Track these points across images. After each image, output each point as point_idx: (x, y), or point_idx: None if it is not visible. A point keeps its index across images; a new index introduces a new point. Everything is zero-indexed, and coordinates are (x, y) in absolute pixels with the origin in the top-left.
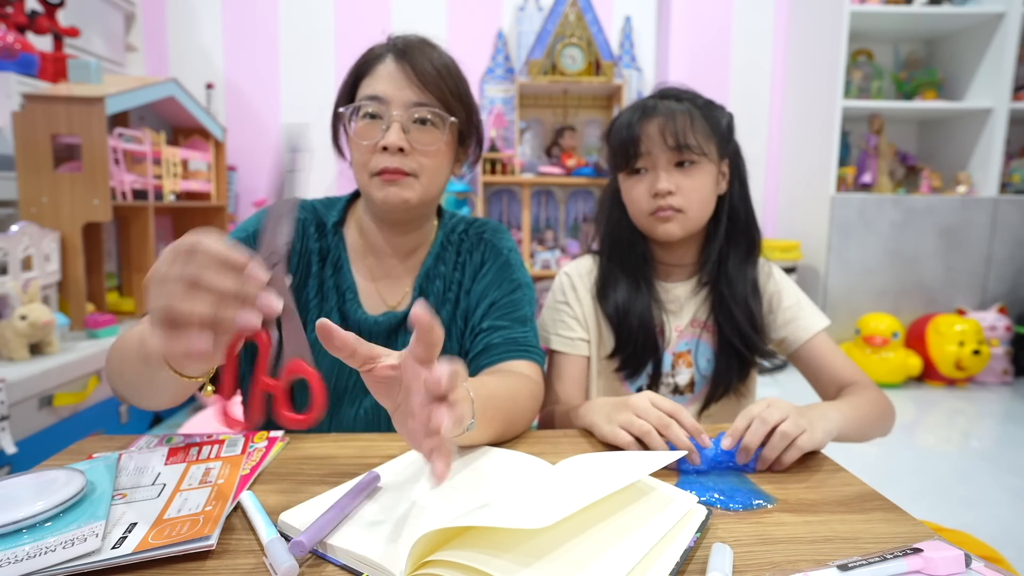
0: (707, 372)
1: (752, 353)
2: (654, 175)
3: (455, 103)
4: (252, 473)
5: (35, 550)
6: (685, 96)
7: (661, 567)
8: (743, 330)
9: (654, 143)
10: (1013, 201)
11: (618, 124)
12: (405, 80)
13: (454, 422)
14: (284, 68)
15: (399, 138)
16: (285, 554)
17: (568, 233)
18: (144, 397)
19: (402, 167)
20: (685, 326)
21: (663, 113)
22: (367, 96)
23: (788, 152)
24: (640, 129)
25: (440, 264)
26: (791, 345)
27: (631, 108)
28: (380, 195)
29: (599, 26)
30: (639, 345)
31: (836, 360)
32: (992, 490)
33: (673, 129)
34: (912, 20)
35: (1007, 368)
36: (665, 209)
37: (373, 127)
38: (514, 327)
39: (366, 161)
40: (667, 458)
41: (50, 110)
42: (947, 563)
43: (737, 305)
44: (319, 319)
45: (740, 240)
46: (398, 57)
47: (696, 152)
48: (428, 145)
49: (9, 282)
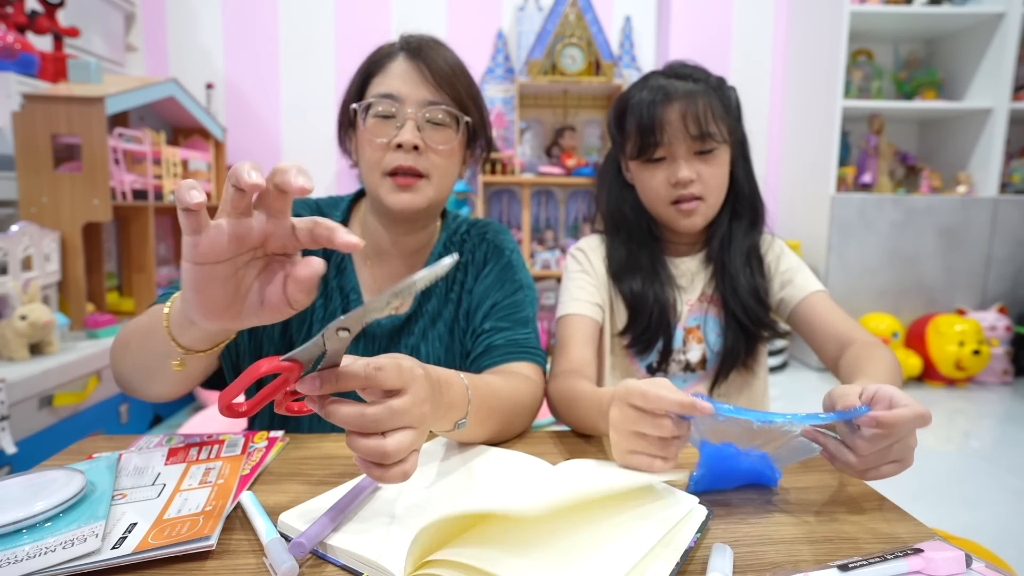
0: (717, 347)
1: (756, 327)
2: (673, 164)
3: (469, 103)
4: (252, 473)
5: (35, 550)
6: (699, 75)
7: (661, 567)
8: (746, 303)
9: (676, 132)
10: (1013, 201)
11: (633, 105)
12: (420, 78)
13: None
14: (284, 68)
15: (414, 136)
16: (285, 554)
17: (568, 233)
18: (148, 376)
19: (416, 166)
20: (695, 301)
21: (682, 98)
22: (380, 94)
23: (788, 152)
24: (660, 116)
25: None
26: (788, 305)
27: (645, 88)
28: (391, 199)
29: (599, 26)
30: (652, 322)
31: (834, 316)
32: (992, 490)
33: (695, 115)
34: (912, 20)
35: (1007, 368)
36: (688, 200)
37: (386, 125)
38: (516, 328)
39: (378, 159)
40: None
41: (50, 110)
42: (947, 563)
43: (740, 278)
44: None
45: (744, 213)
46: (411, 55)
47: (717, 139)
48: (442, 144)
49: (9, 282)
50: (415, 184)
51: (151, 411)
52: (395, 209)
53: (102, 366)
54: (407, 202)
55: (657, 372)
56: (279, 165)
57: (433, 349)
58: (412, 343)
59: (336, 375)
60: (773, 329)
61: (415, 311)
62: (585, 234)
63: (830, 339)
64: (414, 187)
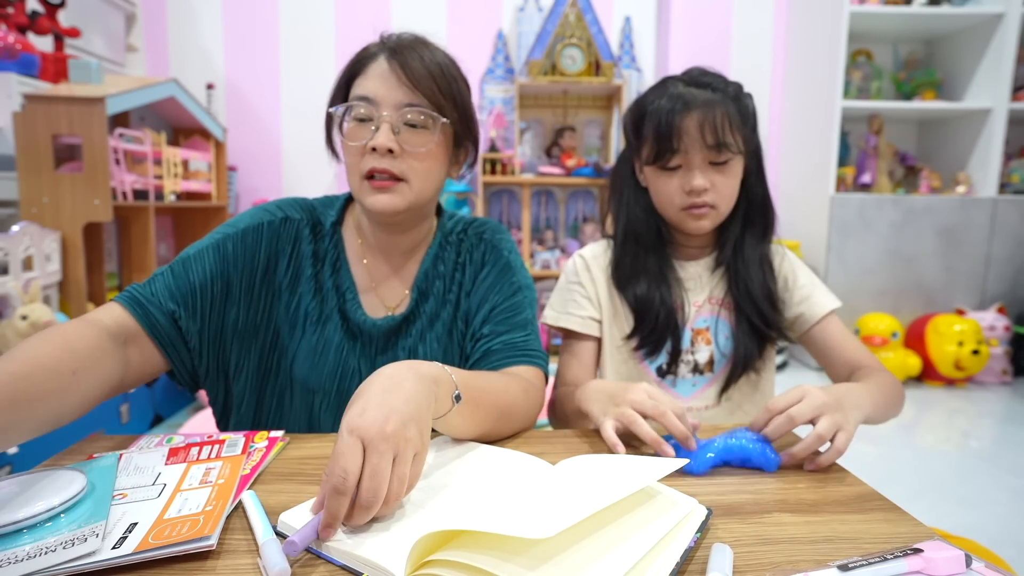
0: (726, 350)
1: (770, 328)
2: (688, 172)
3: (447, 104)
4: (252, 473)
5: (35, 550)
6: (718, 84)
7: (661, 567)
8: (760, 306)
9: (693, 141)
10: (1012, 201)
11: (652, 112)
12: (396, 80)
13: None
14: (284, 68)
15: (388, 139)
16: (277, 556)
17: (568, 233)
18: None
19: (391, 169)
20: (703, 302)
21: (700, 106)
22: (357, 97)
23: (788, 152)
24: (678, 124)
25: (439, 264)
26: (806, 322)
27: (663, 95)
28: (369, 200)
29: (599, 26)
30: (659, 324)
31: (849, 342)
32: (991, 490)
33: (713, 125)
34: (911, 20)
35: (1006, 368)
36: (700, 206)
37: (363, 128)
38: (514, 331)
39: (356, 163)
40: (672, 465)
41: (51, 110)
42: (947, 563)
43: (753, 282)
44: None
45: (756, 221)
46: (390, 56)
47: (733, 150)
48: (418, 147)
49: (10, 282)
50: (392, 186)
51: (152, 411)
52: (374, 211)
53: None
54: (385, 203)
55: (667, 375)
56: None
57: (431, 350)
58: (409, 344)
59: (331, 518)
60: (783, 332)
61: (412, 312)
62: (585, 234)
63: (845, 366)
64: (391, 189)
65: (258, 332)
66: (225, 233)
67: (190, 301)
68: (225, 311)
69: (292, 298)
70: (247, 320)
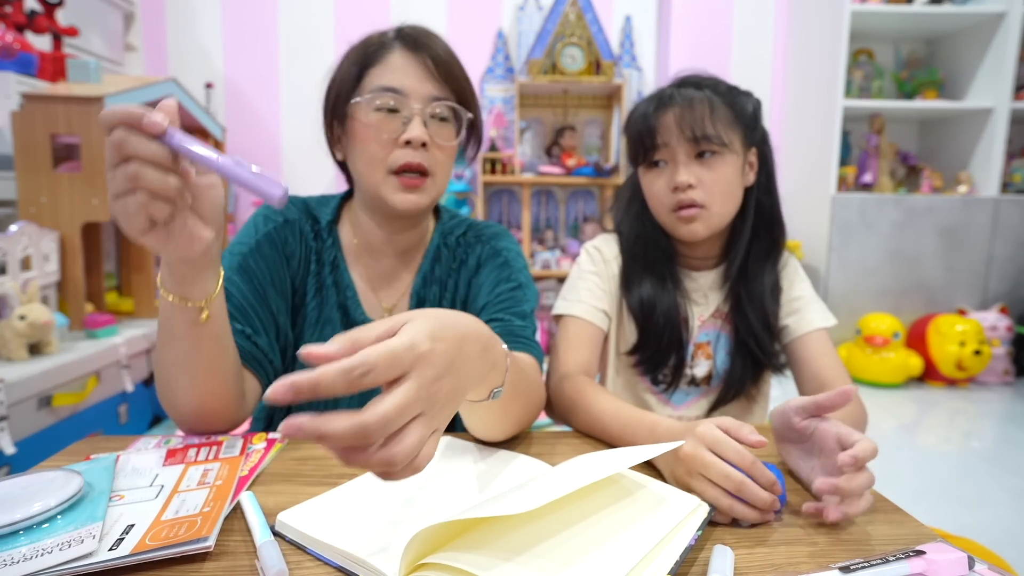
0: (725, 366)
1: (765, 357)
2: (673, 168)
3: (470, 98)
4: (251, 474)
5: (32, 552)
6: (706, 83)
7: (661, 565)
8: (757, 333)
9: (671, 134)
10: (1014, 201)
11: (635, 115)
12: (424, 73)
13: None
14: (284, 68)
15: (423, 132)
16: (275, 558)
17: (568, 233)
18: (192, 374)
19: (424, 162)
20: (708, 316)
21: (681, 102)
22: (383, 87)
23: (789, 152)
24: (657, 120)
25: (437, 267)
26: (789, 335)
27: (648, 98)
28: (396, 198)
29: (599, 26)
30: (664, 343)
31: (824, 360)
32: (993, 490)
33: (691, 119)
34: (913, 20)
35: (1008, 368)
36: (687, 206)
37: (391, 120)
38: (512, 320)
39: (383, 156)
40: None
41: (49, 110)
42: (950, 565)
43: (753, 306)
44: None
45: (763, 236)
46: (411, 48)
47: (716, 142)
48: (446, 141)
49: (8, 282)
50: (421, 184)
51: (150, 412)
52: (399, 209)
53: (101, 366)
54: (412, 203)
55: (668, 388)
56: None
57: None
58: None
59: (314, 383)
60: (779, 363)
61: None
62: (585, 234)
63: (813, 381)
64: (420, 188)
65: (287, 332)
66: (242, 253)
67: (251, 318)
68: (277, 321)
69: (300, 297)
70: (286, 322)
